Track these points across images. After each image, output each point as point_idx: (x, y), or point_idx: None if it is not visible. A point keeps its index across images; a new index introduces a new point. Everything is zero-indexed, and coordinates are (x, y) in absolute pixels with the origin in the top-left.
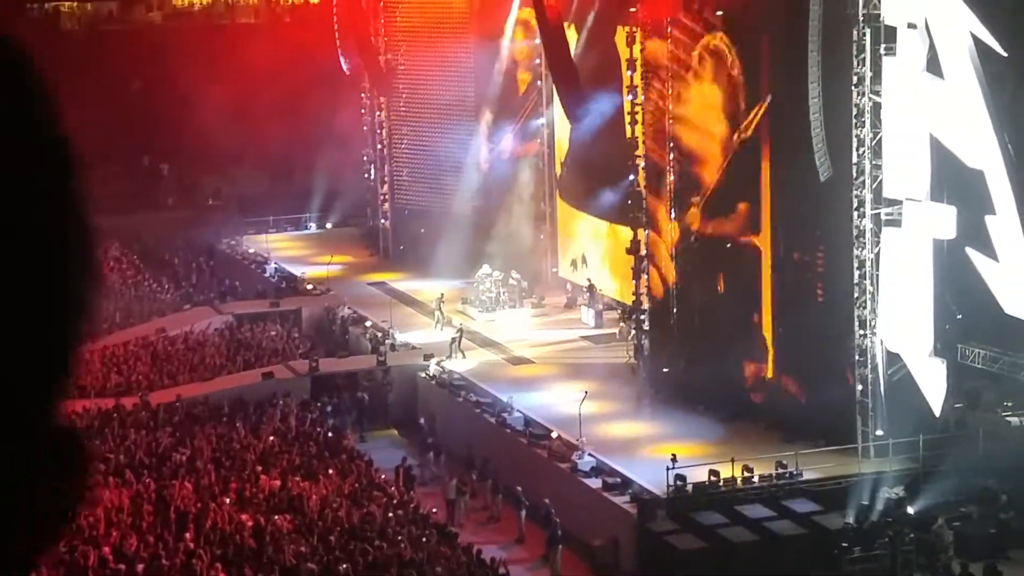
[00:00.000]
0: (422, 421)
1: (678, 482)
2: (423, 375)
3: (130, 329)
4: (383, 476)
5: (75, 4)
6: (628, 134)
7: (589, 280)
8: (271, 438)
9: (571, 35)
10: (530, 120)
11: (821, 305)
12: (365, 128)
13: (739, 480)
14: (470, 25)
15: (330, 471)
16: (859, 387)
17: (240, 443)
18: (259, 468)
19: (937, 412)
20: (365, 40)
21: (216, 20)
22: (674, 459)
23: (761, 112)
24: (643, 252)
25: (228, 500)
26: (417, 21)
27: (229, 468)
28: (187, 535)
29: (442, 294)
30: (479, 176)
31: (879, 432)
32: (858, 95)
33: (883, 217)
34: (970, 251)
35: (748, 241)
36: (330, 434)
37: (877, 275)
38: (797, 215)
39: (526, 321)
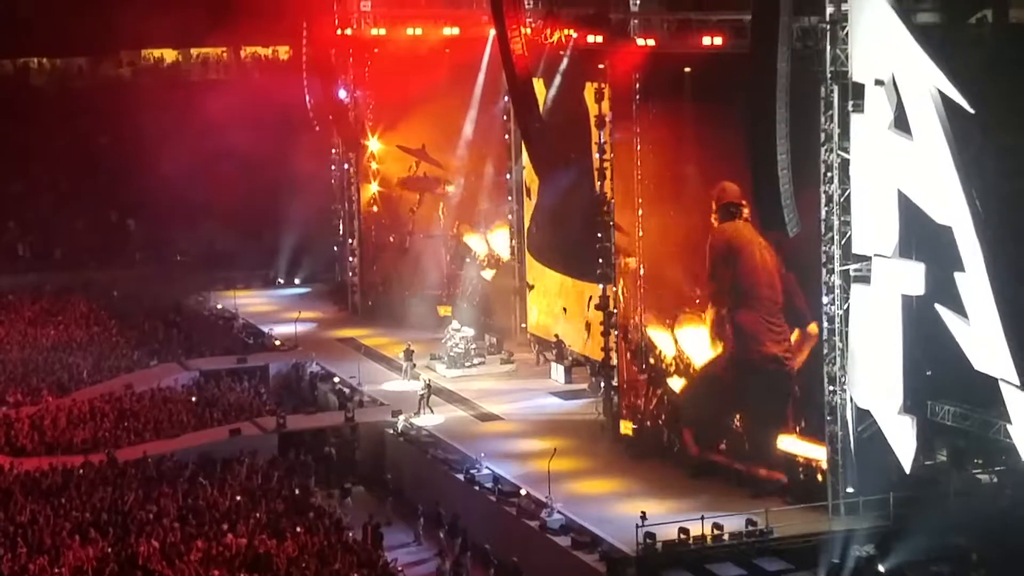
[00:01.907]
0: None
1: (648, 540)
2: (391, 431)
3: (97, 385)
4: (351, 534)
5: (45, 60)
6: (597, 190)
7: (557, 336)
8: (238, 496)
9: (540, 89)
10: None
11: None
12: (334, 183)
13: (709, 538)
14: (441, 80)
15: (297, 528)
16: (829, 445)
17: (206, 501)
18: (225, 526)
19: (907, 469)
20: (334, 96)
21: (185, 76)
22: (643, 516)
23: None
24: (612, 308)
25: (194, 558)
26: (387, 76)
27: (195, 526)
28: None
29: (409, 344)
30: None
31: (849, 489)
32: (826, 152)
33: (852, 273)
34: (939, 307)
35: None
36: (297, 491)
37: (846, 331)
38: None
39: (495, 377)
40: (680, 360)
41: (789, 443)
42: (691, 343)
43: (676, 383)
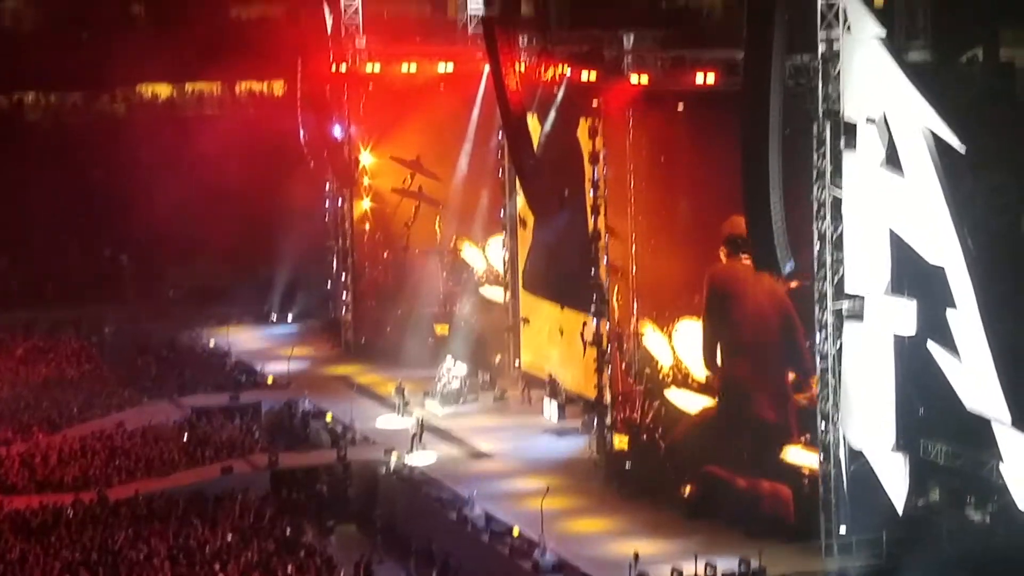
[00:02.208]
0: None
1: None
2: (384, 469)
3: (88, 423)
4: (342, 573)
5: (40, 95)
6: (591, 226)
7: (550, 374)
8: (229, 535)
9: (533, 125)
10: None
11: None
12: (328, 219)
13: None
14: (434, 118)
15: (289, 567)
16: (822, 484)
17: (197, 540)
18: (216, 565)
19: (900, 508)
20: (329, 133)
21: (179, 111)
22: (636, 557)
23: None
24: (605, 345)
25: None
26: (381, 113)
27: (186, 565)
28: None
29: (401, 382)
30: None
31: (843, 528)
32: (818, 189)
33: (844, 311)
34: (932, 346)
35: None
36: (288, 530)
37: (839, 369)
38: None
39: (488, 414)
40: (678, 370)
41: (794, 454)
42: (689, 352)
43: (675, 395)
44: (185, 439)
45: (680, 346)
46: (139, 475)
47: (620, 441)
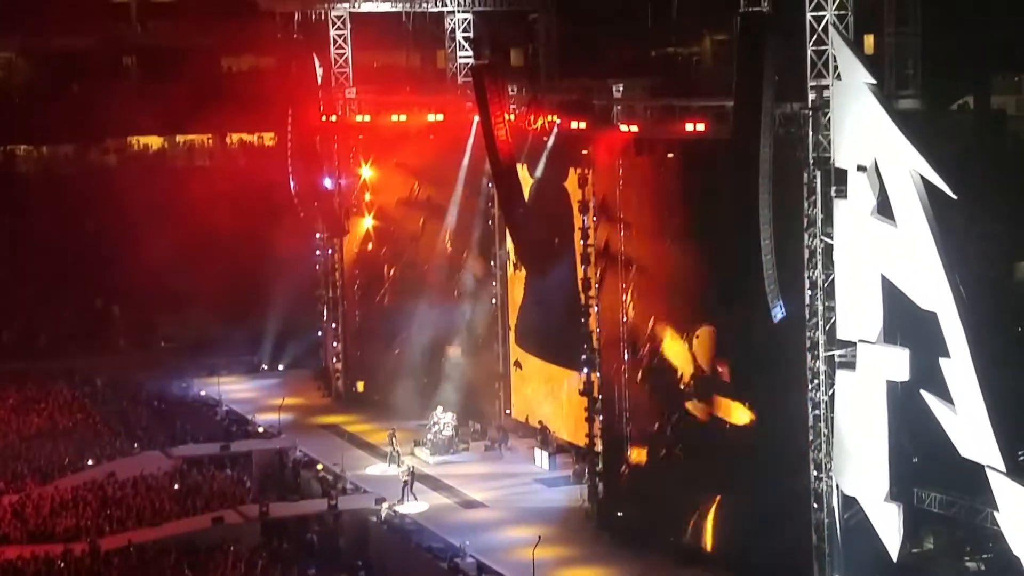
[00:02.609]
0: None
1: None
2: (375, 519)
3: (80, 473)
4: None
5: (31, 147)
6: (581, 275)
7: (541, 423)
8: None
9: (523, 174)
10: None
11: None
12: (318, 268)
13: None
14: (425, 168)
15: None
16: (815, 533)
17: None
18: None
19: (894, 557)
20: (319, 184)
21: (170, 162)
22: None
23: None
24: (596, 394)
25: None
26: (372, 163)
27: None
28: None
29: (393, 429)
30: (432, 316)
31: None
32: (809, 237)
33: (836, 359)
34: (925, 394)
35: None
36: None
37: (831, 417)
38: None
39: (479, 463)
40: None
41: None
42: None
43: (696, 407)
44: (176, 489)
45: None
46: (130, 525)
47: (638, 454)
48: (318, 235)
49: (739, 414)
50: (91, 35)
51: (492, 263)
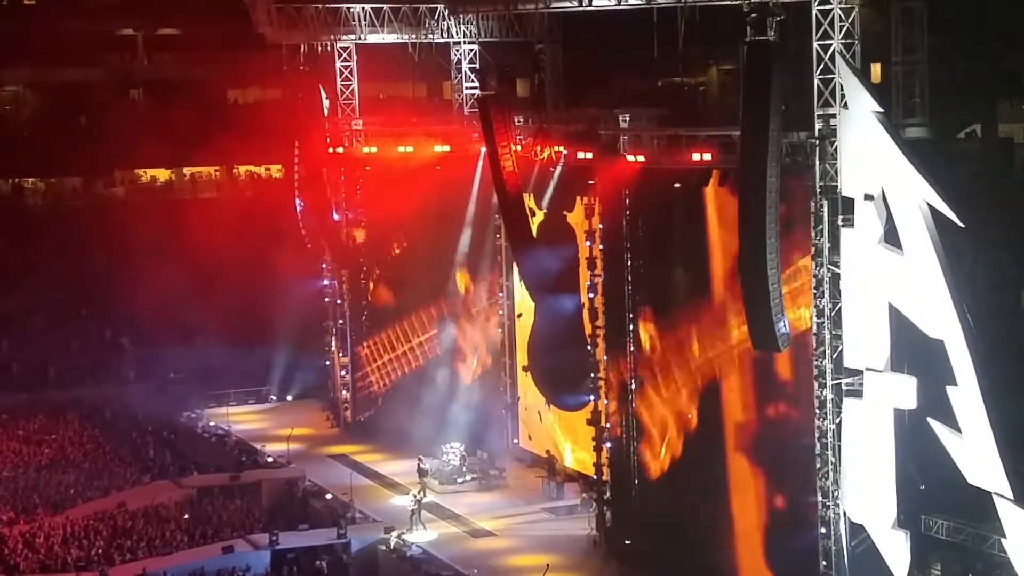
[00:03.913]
0: None
1: None
2: (384, 548)
3: (90, 503)
4: None
5: (39, 180)
6: (587, 305)
7: (548, 452)
8: None
9: (530, 204)
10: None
11: None
12: (327, 300)
13: None
14: (432, 200)
15: None
16: (823, 560)
17: None
18: None
19: None
20: (326, 215)
21: (178, 194)
22: None
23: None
24: (604, 423)
25: None
26: (378, 195)
27: None
28: None
29: (420, 459)
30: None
31: None
32: (817, 266)
33: (844, 387)
34: (932, 421)
35: None
36: None
37: (839, 445)
38: None
39: (487, 492)
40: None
41: None
42: None
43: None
44: (186, 519)
45: None
46: (141, 555)
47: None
48: (324, 266)
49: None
50: (98, 68)
51: (500, 293)
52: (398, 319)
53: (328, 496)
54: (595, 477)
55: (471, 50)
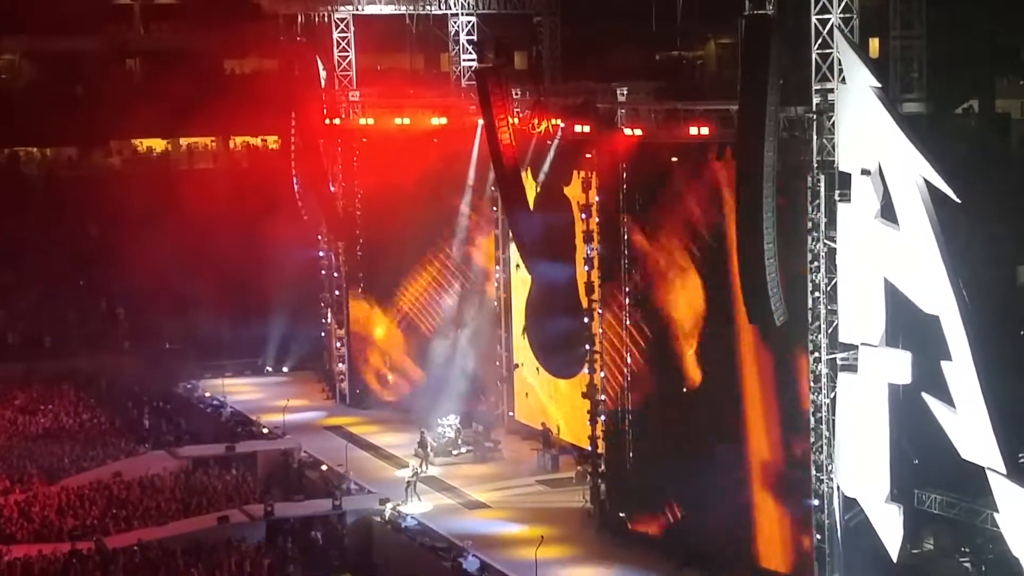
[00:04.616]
0: None
1: None
2: (379, 519)
3: (86, 473)
4: None
5: (35, 150)
6: (584, 278)
7: (543, 424)
8: None
9: (527, 179)
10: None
11: None
12: (323, 272)
13: None
14: (429, 172)
15: None
16: (817, 533)
17: None
18: None
19: (894, 557)
20: (323, 187)
21: (174, 165)
22: None
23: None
24: (598, 396)
25: None
26: (375, 167)
27: None
28: None
29: (423, 432)
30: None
31: None
32: (813, 241)
33: (839, 362)
34: (926, 396)
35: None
36: None
37: (833, 420)
38: None
39: (482, 465)
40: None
41: None
42: None
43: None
44: (182, 489)
45: None
46: (136, 524)
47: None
48: (321, 237)
49: None
50: (95, 37)
51: (497, 266)
52: (395, 289)
53: (323, 467)
54: (589, 450)
55: (469, 22)
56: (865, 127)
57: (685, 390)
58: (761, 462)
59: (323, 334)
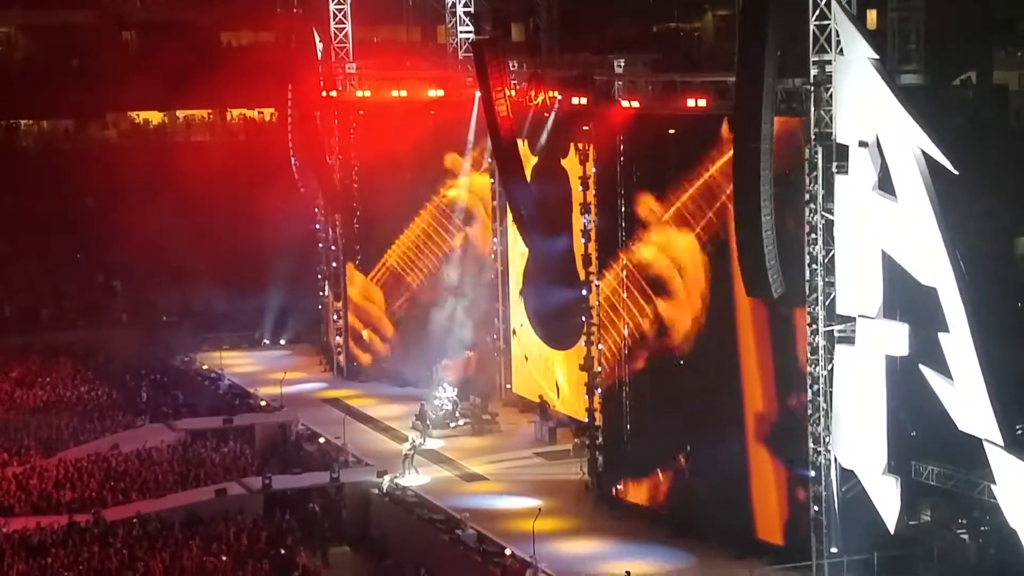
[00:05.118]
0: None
1: None
2: (376, 491)
3: (84, 445)
4: None
5: (31, 122)
6: (581, 250)
7: (541, 397)
8: (224, 556)
9: (524, 150)
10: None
11: None
12: (320, 245)
13: None
14: (426, 143)
15: None
16: (814, 505)
17: (192, 561)
18: None
19: (892, 529)
20: (320, 159)
21: (171, 138)
22: None
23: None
24: (596, 368)
25: None
26: (372, 140)
27: None
28: None
29: (422, 404)
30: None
31: (833, 549)
32: (810, 213)
33: (836, 334)
34: (924, 368)
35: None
36: (283, 551)
37: (830, 392)
38: None
39: (479, 437)
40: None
41: None
42: None
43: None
44: (179, 461)
45: None
46: (134, 497)
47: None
48: (318, 210)
49: None
50: (91, 10)
51: (494, 238)
52: (393, 261)
53: (321, 440)
54: (587, 422)
55: None
56: (863, 99)
57: (683, 362)
58: (758, 426)
59: (320, 307)
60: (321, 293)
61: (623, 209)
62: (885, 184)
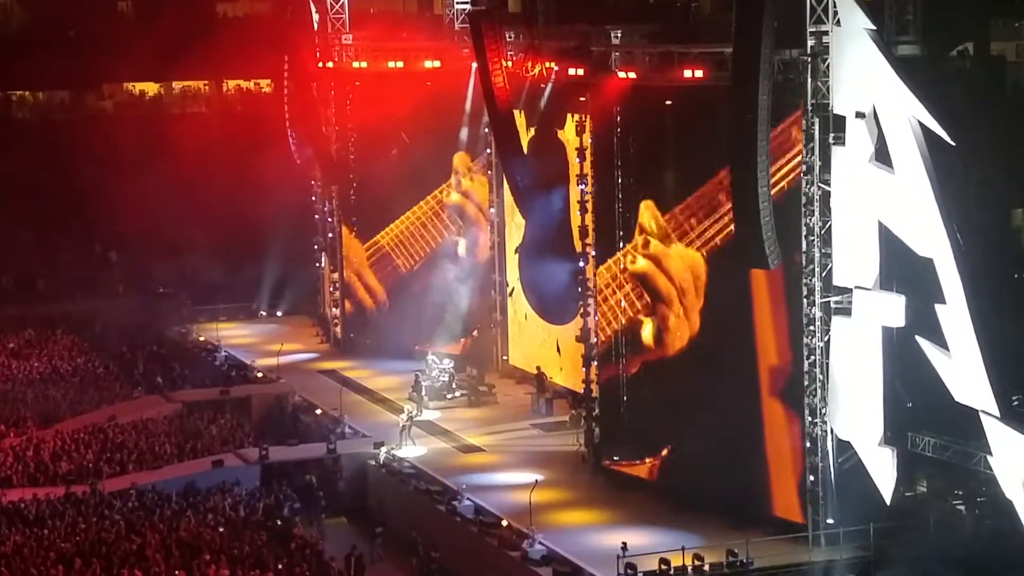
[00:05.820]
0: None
1: (628, 570)
2: (373, 463)
3: (80, 417)
4: (333, 565)
5: (27, 93)
6: (578, 222)
7: (538, 368)
8: (221, 527)
9: (520, 121)
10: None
11: None
12: (316, 217)
13: (690, 569)
14: (423, 115)
15: (281, 559)
16: (810, 476)
17: (189, 532)
18: (208, 557)
19: (888, 500)
20: (316, 131)
21: (167, 109)
22: (624, 547)
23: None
24: (593, 340)
25: None
26: (368, 111)
27: (179, 557)
28: None
29: (416, 375)
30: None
31: (830, 520)
32: (807, 184)
33: (832, 305)
34: (920, 340)
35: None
36: (280, 522)
37: (827, 363)
38: None
39: (476, 409)
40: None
41: None
42: None
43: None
44: (176, 433)
45: None
46: (131, 468)
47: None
48: (314, 182)
49: None
50: None
51: (491, 209)
52: (389, 234)
53: (318, 411)
54: (583, 393)
55: None
56: (860, 70)
57: (680, 333)
58: (768, 388)
59: (317, 278)
60: (317, 264)
61: (620, 180)
62: (882, 155)
